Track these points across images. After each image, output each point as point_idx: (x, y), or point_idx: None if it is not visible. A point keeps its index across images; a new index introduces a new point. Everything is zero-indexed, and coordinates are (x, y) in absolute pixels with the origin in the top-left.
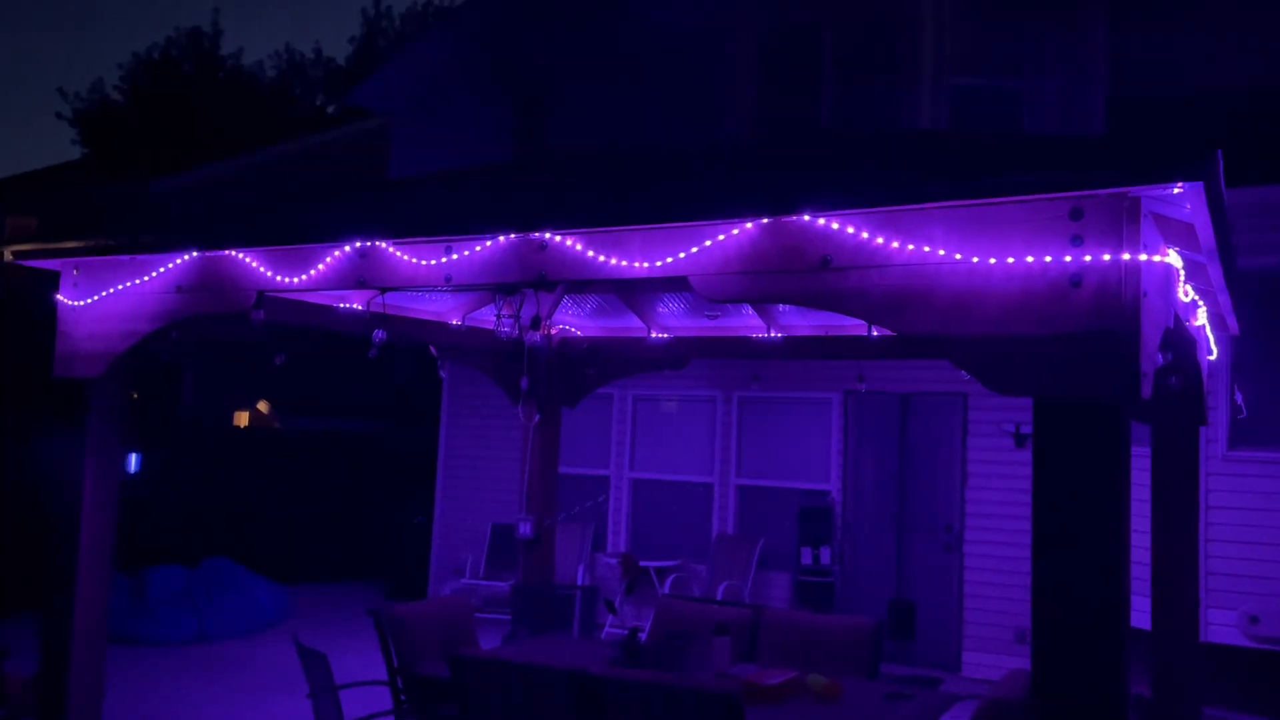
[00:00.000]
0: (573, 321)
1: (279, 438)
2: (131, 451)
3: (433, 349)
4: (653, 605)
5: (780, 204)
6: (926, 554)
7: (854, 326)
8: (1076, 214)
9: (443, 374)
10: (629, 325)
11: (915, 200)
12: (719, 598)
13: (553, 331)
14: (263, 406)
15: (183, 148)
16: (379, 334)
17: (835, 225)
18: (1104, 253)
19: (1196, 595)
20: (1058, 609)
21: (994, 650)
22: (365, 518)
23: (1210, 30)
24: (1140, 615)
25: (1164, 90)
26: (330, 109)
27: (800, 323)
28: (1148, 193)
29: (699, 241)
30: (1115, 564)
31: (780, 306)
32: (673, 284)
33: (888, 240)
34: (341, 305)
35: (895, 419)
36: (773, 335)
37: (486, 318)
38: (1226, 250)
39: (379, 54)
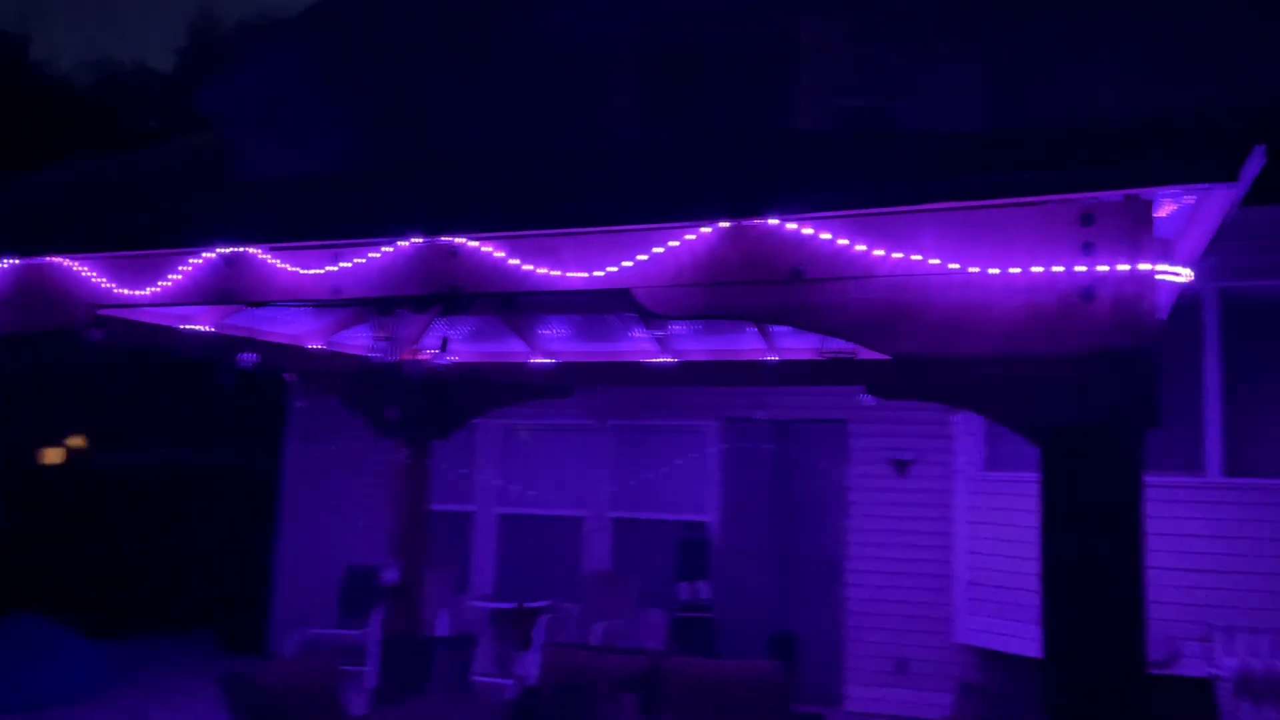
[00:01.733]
0: (448, 346)
1: (99, 475)
2: None
3: (287, 376)
4: (525, 651)
5: (745, 205)
6: (808, 585)
7: (751, 351)
8: (1087, 219)
9: (299, 403)
10: (510, 349)
11: (904, 202)
12: (595, 639)
13: (425, 357)
14: (79, 441)
15: None
16: (247, 357)
17: (809, 230)
18: (1119, 262)
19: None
20: (1075, 647)
21: (876, 683)
22: (198, 561)
23: (1088, 61)
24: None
25: (1039, 118)
26: (154, 124)
27: (695, 347)
28: (1161, 195)
29: (646, 248)
30: (1134, 602)
31: (674, 329)
32: (613, 300)
33: (870, 248)
34: (184, 327)
35: (775, 447)
36: (666, 360)
37: (350, 341)
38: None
39: (211, 65)
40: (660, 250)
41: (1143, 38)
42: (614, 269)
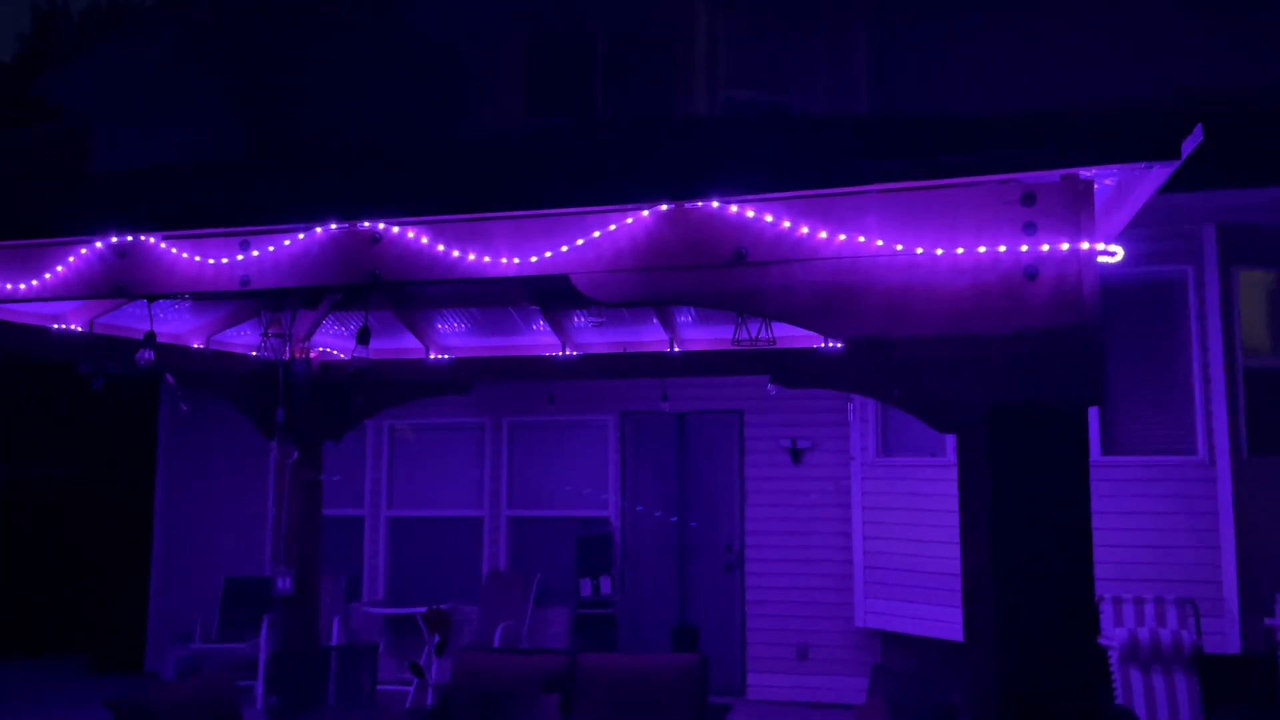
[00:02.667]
0: (337, 343)
1: None
2: None
3: (169, 377)
4: (420, 657)
5: (686, 187)
6: (709, 576)
7: (655, 342)
8: (1029, 199)
9: (183, 407)
10: (404, 346)
11: (848, 183)
12: (496, 640)
13: (313, 355)
14: None
15: None
16: (144, 354)
17: (751, 213)
18: (1061, 241)
19: None
20: (1023, 629)
21: (778, 670)
22: (66, 578)
23: (969, 53)
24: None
25: (923, 110)
26: (15, 116)
27: (596, 339)
28: (1102, 175)
29: (585, 232)
30: (1083, 581)
31: (576, 321)
32: (549, 287)
33: (814, 230)
34: (56, 326)
35: (673, 439)
36: (568, 354)
37: (235, 340)
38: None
39: (58, 53)
40: (598, 235)
41: (1063, 28)
42: (550, 254)
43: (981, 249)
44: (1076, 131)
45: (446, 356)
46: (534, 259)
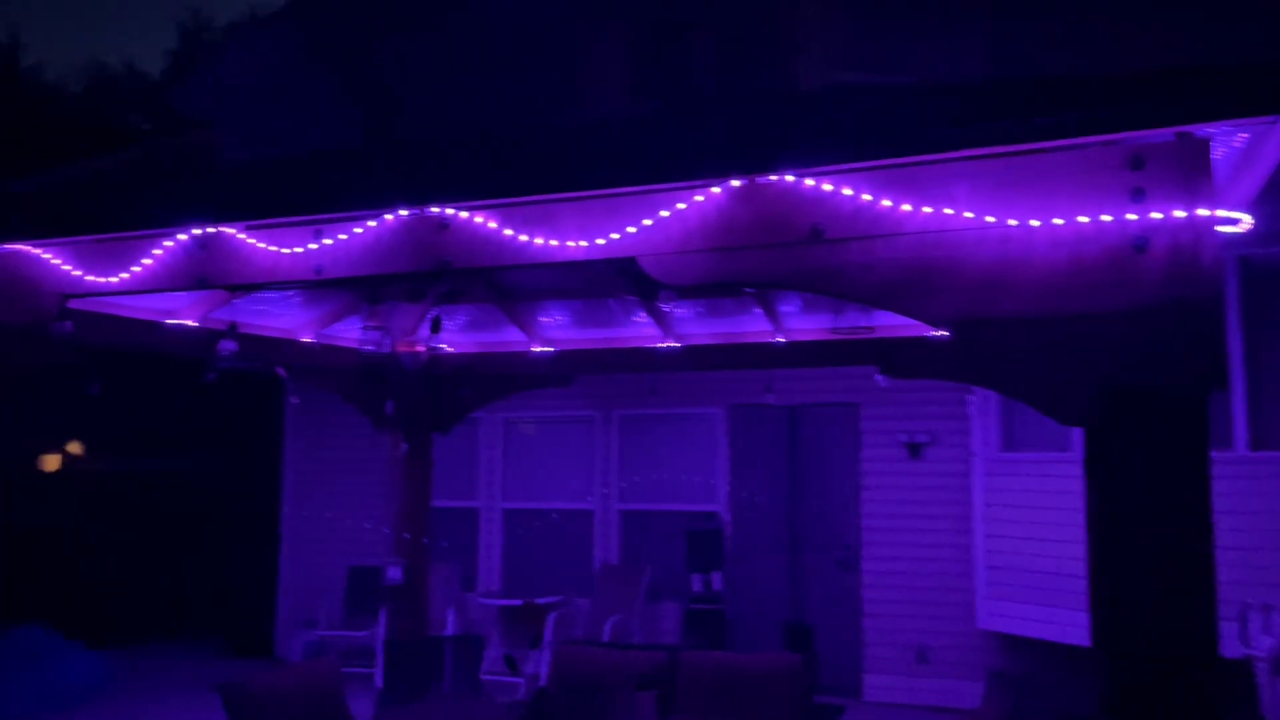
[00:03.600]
0: (444, 336)
1: (97, 481)
2: None
3: (281, 370)
4: (539, 649)
5: (758, 161)
6: (822, 574)
7: (758, 333)
8: (1137, 162)
9: (293, 399)
10: (508, 339)
11: (933, 150)
12: (606, 635)
13: (420, 349)
14: (75, 447)
15: None
16: (226, 345)
17: (828, 186)
18: (1174, 207)
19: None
20: (1133, 636)
21: (895, 671)
22: (200, 566)
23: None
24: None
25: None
26: (145, 126)
27: (699, 330)
28: (1219, 132)
29: (652, 212)
30: (1200, 585)
31: (678, 312)
32: (616, 270)
33: (897, 202)
34: (169, 321)
35: (784, 433)
36: (670, 345)
37: (345, 334)
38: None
39: (198, 64)
40: (666, 214)
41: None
42: (617, 236)
43: (1083, 219)
44: (1189, 84)
45: (549, 349)
46: (600, 241)
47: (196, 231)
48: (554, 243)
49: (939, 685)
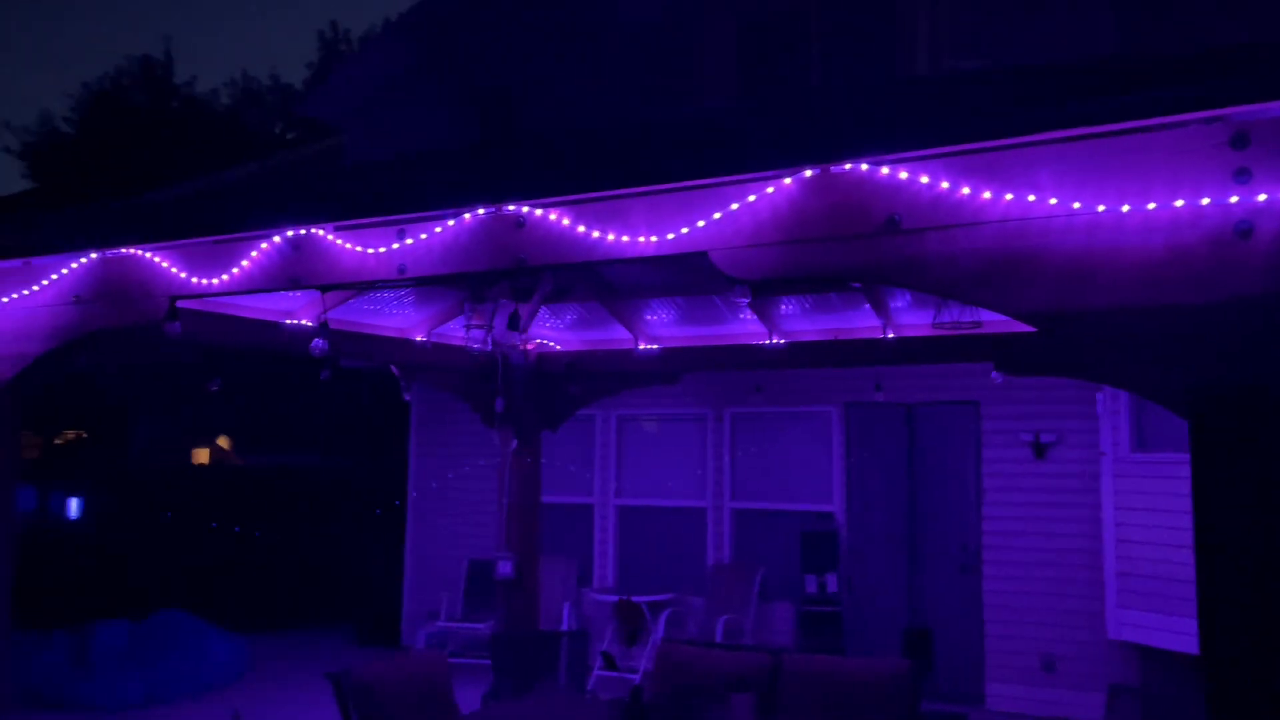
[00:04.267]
0: (551, 335)
1: (239, 475)
2: (73, 495)
3: (394, 369)
4: (646, 646)
5: (831, 150)
6: (941, 577)
7: (866, 329)
8: (1240, 140)
9: (407, 397)
10: (615, 336)
11: (1015, 133)
12: (718, 634)
13: (529, 347)
14: (223, 443)
15: (134, 177)
16: (318, 343)
17: (904, 174)
18: None
19: None
20: (1236, 643)
21: (1020, 680)
22: (333, 558)
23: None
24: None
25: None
26: (290, 134)
27: (805, 327)
28: None
29: (722, 205)
30: None
31: (784, 309)
32: (686, 266)
33: (977, 190)
34: (288, 321)
35: (901, 432)
36: (775, 342)
37: (455, 333)
38: None
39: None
40: (736, 207)
41: None
42: (686, 231)
43: (1179, 203)
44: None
45: (655, 346)
46: (670, 236)
47: (290, 234)
48: (625, 239)
49: (1067, 696)
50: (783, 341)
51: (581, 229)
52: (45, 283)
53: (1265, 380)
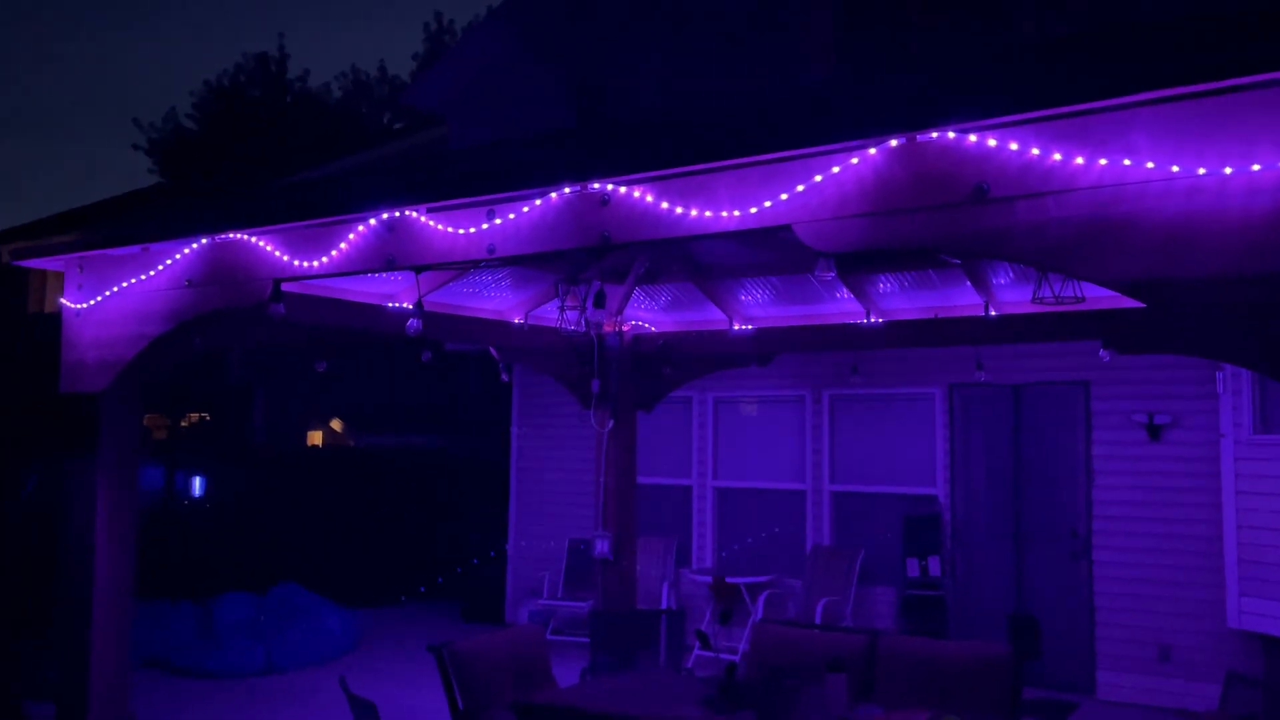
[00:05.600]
0: (646, 316)
1: (351, 456)
2: (198, 474)
3: (493, 351)
4: (745, 627)
5: (916, 118)
6: (1049, 563)
7: (967, 306)
8: None
9: (505, 378)
10: (709, 317)
11: (1107, 95)
12: (817, 616)
13: (624, 328)
14: (336, 425)
15: (255, 171)
16: (413, 324)
17: (993, 142)
18: None
19: None
20: None
21: (1134, 670)
22: (440, 536)
23: None
24: None
25: None
26: (397, 125)
27: (904, 305)
28: None
29: (806, 178)
30: None
31: (881, 287)
32: (774, 242)
33: (1068, 156)
34: (391, 305)
35: (1008, 413)
36: (872, 321)
37: (551, 315)
38: None
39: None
40: (820, 179)
41: None
42: (769, 204)
43: None
44: None
45: (749, 327)
46: (754, 210)
47: (384, 216)
48: (708, 214)
49: (1184, 687)
50: (880, 320)
51: (665, 205)
52: (160, 268)
53: None
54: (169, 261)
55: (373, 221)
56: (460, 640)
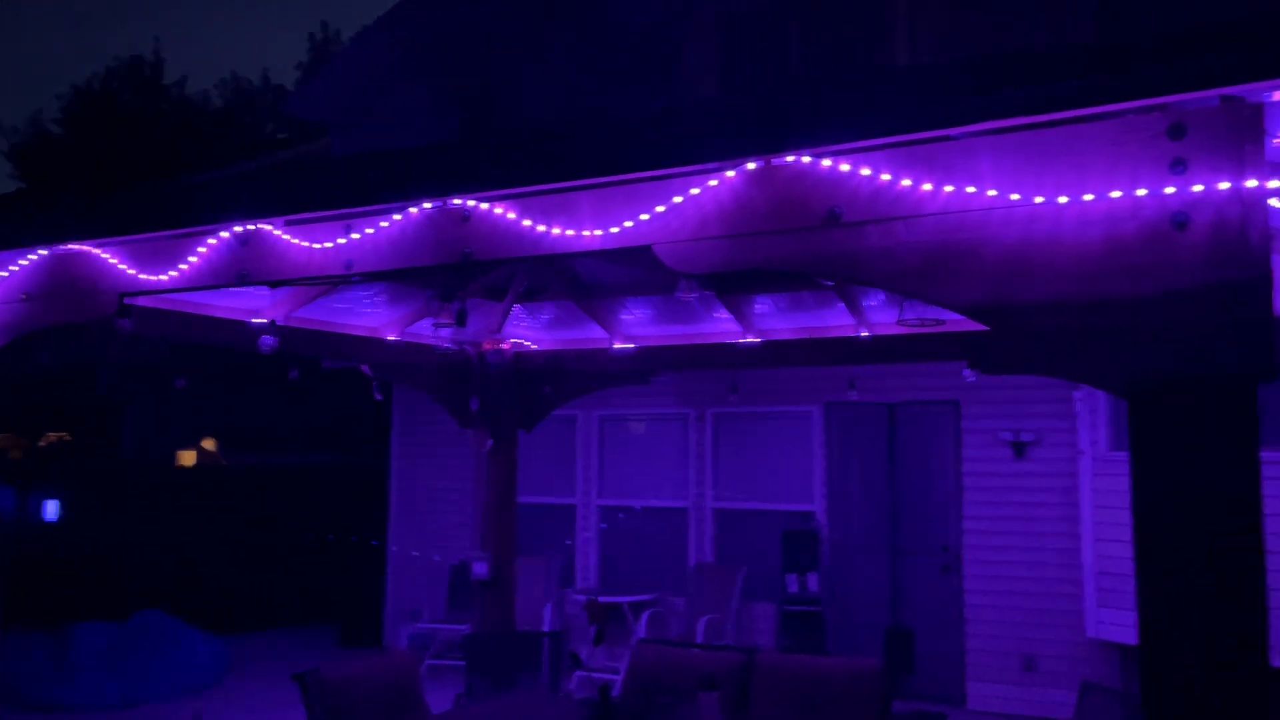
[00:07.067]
0: (527, 334)
1: (225, 476)
2: (56, 497)
3: (366, 369)
4: (628, 647)
5: (773, 141)
6: (923, 576)
7: (840, 327)
8: (1177, 130)
9: (378, 397)
10: (590, 336)
11: (954, 123)
12: (699, 634)
13: (505, 346)
14: (209, 444)
15: (124, 178)
16: (266, 340)
17: (845, 166)
18: (1218, 180)
19: None
20: (1178, 648)
21: (1001, 680)
22: (318, 558)
23: None
24: None
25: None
26: (280, 135)
27: (780, 325)
28: (1273, 93)
29: (665, 199)
30: (1252, 587)
31: (758, 307)
32: (643, 260)
33: (917, 182)
34: (255, 321)
35: (883, 431)
36: (750, 340)
37: (427, 332)
38: None
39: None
40: (680, 200)
41: None
42: (630, 224)
43: (1116, 194)
44: (1234, 42)
45: (631, 346)
46: (615, 230)
47: (238, 229)
48: (570, 232)
49: (1048, 695)
50: (757, 340)
51: (527, 222)
52: None
53: (1198, 372)
54: (4, 274)
55: (225, 234)
56: (329, 667)
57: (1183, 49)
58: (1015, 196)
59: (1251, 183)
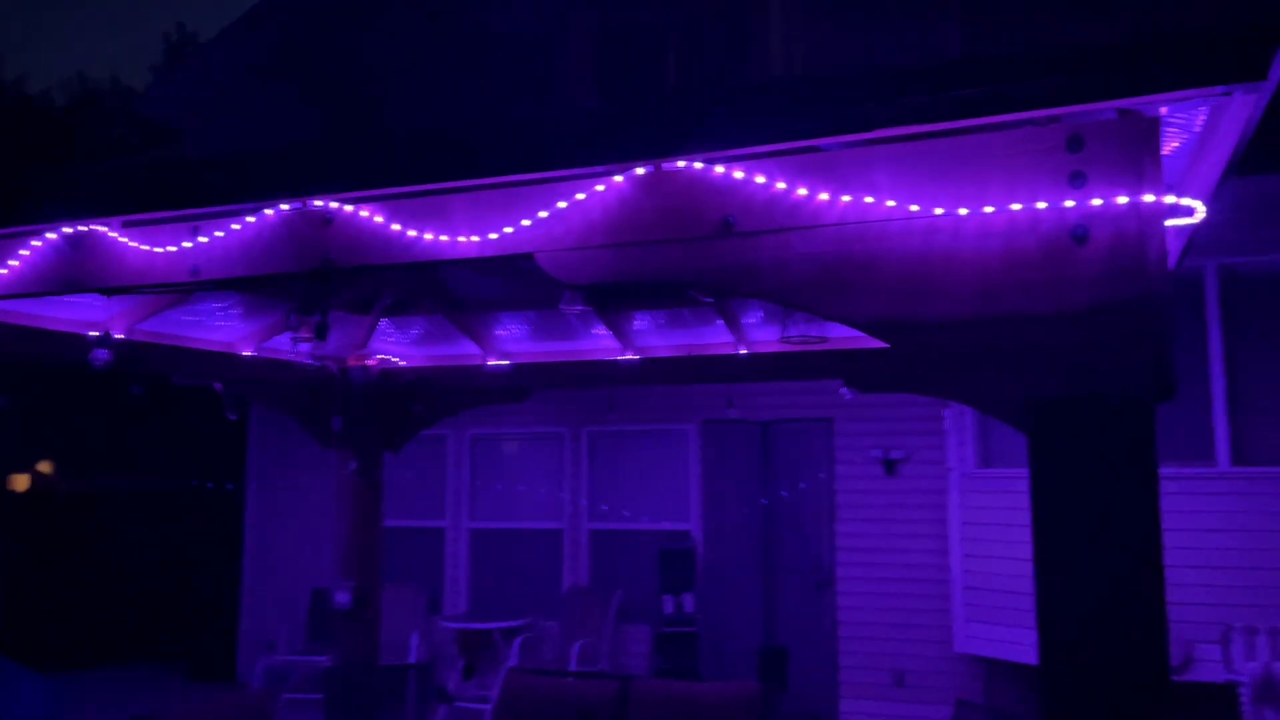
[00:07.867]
0: (395, 350)
1: (65, 501)
2: None
3: (217, 386)
4: (499, 676)
5: (663, 145)
6: (797, 594)
7: (720, 344)
8: (1076, 143)
9: (232, 416)
10: (463, 352)
11: (850, 130)
12: (573, 661)
13: (370, 363)
14: (45, 467)
15: None
16: (99, 354)
17: (739, 174)
18: (1117, 193)
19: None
20: (1079, 666)
21: (873, 696)
22: (166, 587)
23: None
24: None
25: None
26: (131, 139)
27: (659, 343)
28: (1167, 109)
29: (549, 204)
30: (1153, 605)
31: (637, 324)
32: (521, 274)
33: (813, 191)
34: (94, 334)
35: (757, 449)
36: (629, 358)
37: (286, 347)
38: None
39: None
40: (564, 205)
41: None
42: (510, 230)
43: (1016, 206)
44: (1130, 54)
45: (506, 363)
46: (493, 236)
47: (68, 230)
48: (444, 238)
49: (917, 711)
50: (636, 358)
51: (396, 227)
52: None
53: (1100, 390)
54: None
55: (52, 235)
56: (172, 707)
57: (1081, 61)
58: (914, 208)
59: (1149, 197)
